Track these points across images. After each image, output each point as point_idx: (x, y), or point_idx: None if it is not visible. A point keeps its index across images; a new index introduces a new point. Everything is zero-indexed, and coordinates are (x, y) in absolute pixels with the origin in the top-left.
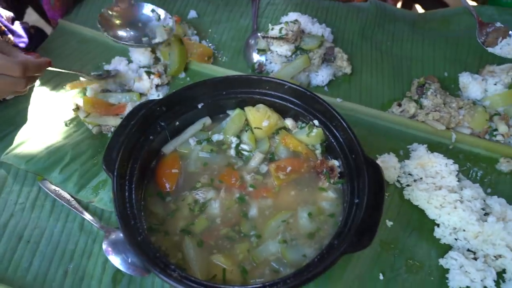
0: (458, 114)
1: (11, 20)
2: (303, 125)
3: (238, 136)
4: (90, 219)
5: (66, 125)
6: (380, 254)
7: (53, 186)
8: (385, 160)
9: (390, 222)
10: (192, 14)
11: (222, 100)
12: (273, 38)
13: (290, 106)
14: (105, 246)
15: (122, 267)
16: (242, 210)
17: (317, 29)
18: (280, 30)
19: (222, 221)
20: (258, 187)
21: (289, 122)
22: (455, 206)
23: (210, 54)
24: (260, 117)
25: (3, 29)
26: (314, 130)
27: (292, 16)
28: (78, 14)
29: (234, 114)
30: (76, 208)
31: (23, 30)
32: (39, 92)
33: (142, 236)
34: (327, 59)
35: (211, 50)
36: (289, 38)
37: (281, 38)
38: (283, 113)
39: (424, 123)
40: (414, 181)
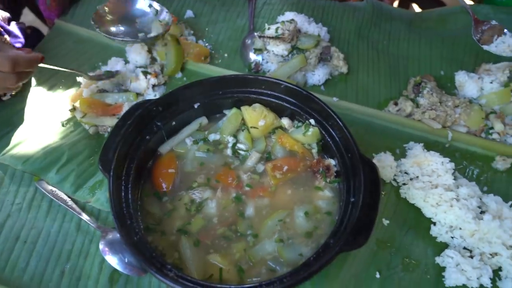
0: (454, 112)
1: (7, 20)
2: (299, 124)
3: (235, 135)
4: (87, 219)
5: (63, 125)
6: (376, 253)
7: (49, 187)
8: (381, 159)
9: (386, 220)
10: (188, 14)
11: (218, 99)
12: (269, 37)
13: (286, 105)
14: (102, 246)
15: (119, 267)
16: (238, 210)
17: (313, 28)
18: (276, 29)
19: (219, 220)
20: (254, 187)
21: (285, 122)
22: (451, 204)
23: (207, 54)
24: (256, 116)
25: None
26: (310, 129)
27: (288, 15)
28: (74, 14)
29: (230, 113)
30: (73, 208)
31: (20, 30)
32: (36, 92)
33: (138, 236)
34: (324, 59)
35: (208, 50)
36: (285, 38)
37: (277, 38)
38: (280, 112)
39: (420, 122)
40: (411, 179)
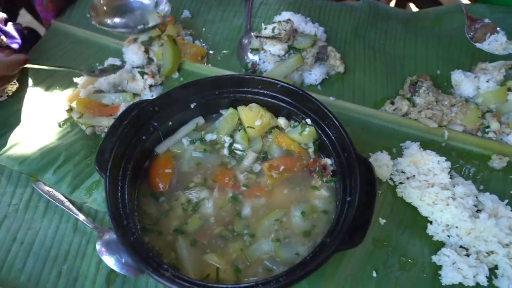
0: (450, 111)
1: (4, 21)
2: (296, 124)
3: (231, 135)
4: (83, 220)
5: (60, 126)
6: (373, 252)
7: (46, 187)
8: (378, 158)
9: (383, 219)
10: (185, 14)
11: (215, 99)
12: (266, 37)
13: (282, 105)
14: (98, 246)
15: (116, 268)
16: (235, 209)
17: (310, 28)
18: (273, 29)
19: (216, 220)
20: (251, 186)
21: (282, 121)
22: (448, 203)
23: (204, 54)
24: (253, 116)
25: None
26: (307, 129)
27: (285, 15)
28: (71, 15)
29: (227, 113)
30: (69, 209)
31: (16, 31)
32: (33, 93)
33: (135, 236)
34: (320, 58)
35: (205, 50)
36: (282, 38)
37: (274, 38)
38: (276, 112)
39: (416, 121)
40: (407, 178)
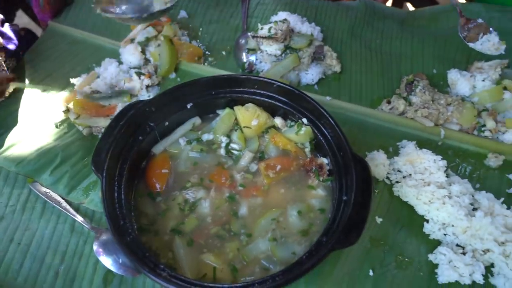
0: (446, 110)
1: (1, 22)
2: (292, 123)
3: (228, 135)
4: (81, 221)
5: (57, 127)
6: (369, 251)
7: (43, 188)
8: (374, 157)
9: (379, 218)
10: (182, 14)
11: (211, 99)
12: (262, 37)
13: (279, 105)
14: (95, 247)
15: (113, 268)
16: (232, 209)
17: (306, 28)
18: (269, 29)
19: (212, 220)
20: (248, 186)
21: (278, 121)
22: (444, 201)
23: (201, 54)
24: (249, 116)
25: None
26: (303, 129)
27: (281, 15)
28: (68, 16)
29: (223, 113)
30: (66, 209)
31: (13, 32)
32: (29, 94)
33: (131, 236)
34: (317, 58)
35: (202, 50)
36: (278, 37)
37: (270, 38)
38: (272, 112)
39: (413, 120)
40: (403, 177)
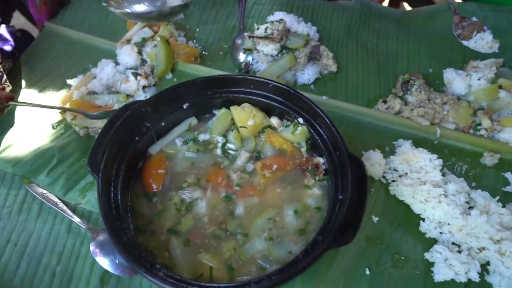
0: (442, 109)
1: None
2: (288, 123)
3: (224, 135)
4: (77, 221)
5: (53, 127)
6: (366, 250)
7: (40, 189)
8: (370, 156)
9: (376, 217)
10: None
11: (207, 100)
12: (259, 37)
13: (275, 104)
14: (92, 247)
15: (110, 268)
16: (228, 209)
17: (302, 28)
18: (265, 29)
19: (209, 220)
20: (244, 186)
21: (274, 121)
22: (440, 200)
23: (197, 54)
24: (245, 116)
25: None
26: (299, 128)
27: (277, 15)
28: (64, 17)
29: (220, 113)
30: (63, 210)
31: (9, 33)
32: (26, 95)
33: (128, 236)
34: (313, 58)
35: (198, 51)
36: (274, 37)
37: (266, 38)
38: (269, 111)
39: (409, 119)
40: (400, 176)
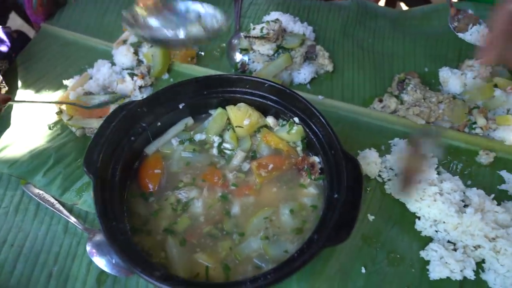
0: (438, 108)
1: None
2: (284, 122)
3: (220, 135)
4: (74, 222)
5: (50, 128)
6: (362, 248)
7: (36, 190)
8: (366, 155)
9: (371, 216)
10: None
11: (203, 99)
12: (255, 37)
13: (270, 104)
14: (89, 247)
15: (106, 268)
16: (224, 208)
17: (298, 27)
18: (261, 29)
19: (205, 219)
20: (240, 185)
21: (270, 120)
22: (435, 198)
23: (193, 54)
24: (241, 115)
25: None
26: (295, 128)
27: (273, 15)
28: (61, 18)
29: (216, 113)
30: (60, 211)
31: (5, 34)
32: (22, 95)
33: (124, 236)
34: (309, 57)
35: (194, 51)
36: (270, 37)
37: (262, 38)
38: (264, 111)
39: (404, 118)
40: (395, 175)
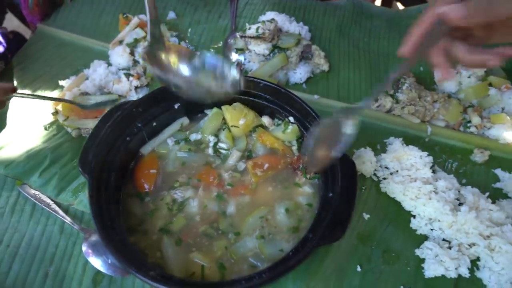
0: (433, 107)
1: None
2: (279, 122)
3: (216, 135)
4: (70, 222)
5: (46, 129)
6: (357, 247)
7: (32, 190)
8: (361, 154)
9: (367, 215)
10: (171, 15)
11: None
12: (250, 37)
13: (266, 103)
14: (85, 248)
15: (102, 268)
16: (220, 208)
17: (294, 27)
18: (257, 29)
19: (201, 219)
20: (236, 185)
21: (265, 120)
22: (430, 197)
23: None
24: (236, 115)
25: None
26: (290, 127)
27: (269, 15)
28: (57, 19)
29: (211, 113)
30: (56, 211)
31: (1, 35)
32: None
33: (119, 236)
34: (305, 57)
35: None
36: (266, 37)
37: (258, 37)
38: (260, 110)
39: (400, 117)
40: (390, 174)
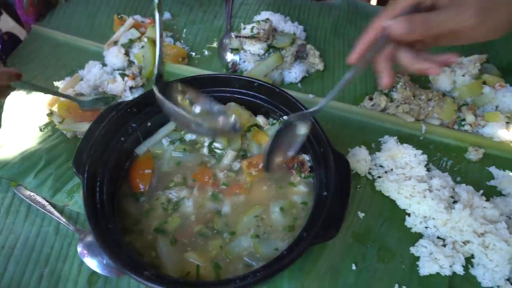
0: (427, 106)
1: None
2: (274, 121)
3: None
4: (65, 223)
5: (41, 130)
6: (352, 245)
7: (27, 192)
8: (356, 153)
9: (362, 213)
10: (166, 15)
11: None
12: (245, 37)
13: (260, 103)
14: (80, 248)
15: (97, 269)
16: (215, 207)
17: (289, 27)
18: (252, 29)
19: (196, 218)
20: (230, 184)
21: (260, 119)
22: (424, 195)
23: (184, 55)
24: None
25: None
26: None
27: (264, 15)
28: (52, 19)
29: None
30: (51, 212)
31: None
32: (13, 97)
33: (114, 236)
34: (300, 57)
35: (185, 51)
36: (261, 37)
37: (253, 37)
38: (254, 110)
39: (394, 116)
40: (385, 172)
